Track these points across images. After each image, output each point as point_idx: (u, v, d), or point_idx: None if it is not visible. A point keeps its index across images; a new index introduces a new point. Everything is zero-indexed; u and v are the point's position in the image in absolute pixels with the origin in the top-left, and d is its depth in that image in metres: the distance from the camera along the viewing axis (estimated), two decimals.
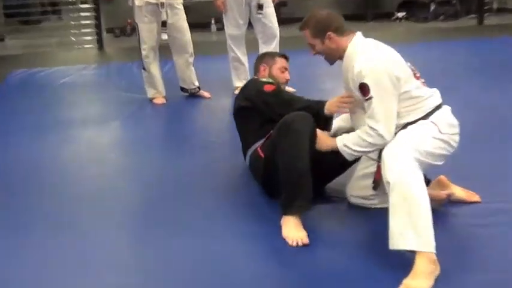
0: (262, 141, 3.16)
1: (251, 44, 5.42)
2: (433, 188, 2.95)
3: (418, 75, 2.80)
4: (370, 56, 2.70)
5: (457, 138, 2.76)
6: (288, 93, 3.37)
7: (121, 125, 4.66)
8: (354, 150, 2.76)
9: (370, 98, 2.64)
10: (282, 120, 2.89)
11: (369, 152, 2.80)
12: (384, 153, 2.58)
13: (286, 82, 3.58)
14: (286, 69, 3.56)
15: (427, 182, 2.75)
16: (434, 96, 2.79)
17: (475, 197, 3.06)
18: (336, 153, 2.96)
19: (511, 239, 2.72)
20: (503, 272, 2.45)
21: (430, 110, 2.72)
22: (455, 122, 2.77)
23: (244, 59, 5.32)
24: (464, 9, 9.62)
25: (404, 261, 2.44)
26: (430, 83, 2.85)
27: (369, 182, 2.92)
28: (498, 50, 6.93)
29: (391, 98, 2.66)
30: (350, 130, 2.93)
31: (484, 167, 3.39)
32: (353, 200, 3.07)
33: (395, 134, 2.67)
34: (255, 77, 3.54)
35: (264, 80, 3.40)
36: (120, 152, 4.17)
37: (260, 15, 5.14)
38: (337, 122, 3.21)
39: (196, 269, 2.58)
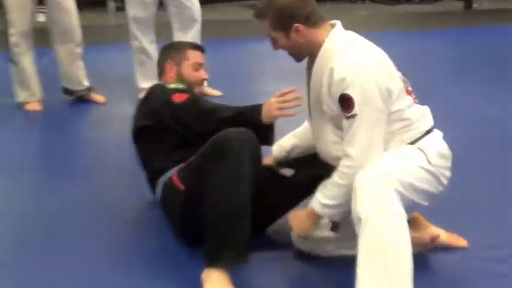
0: (177, 167, 3.12)
1: (164, 29, 5.39)
2: (412, 230, 2.98)
3: (410, 88, 2.84)
4: (358, 61, 2.68)
5: (448, 173, 2.81)
6: (207, 102, 3.33)
7: None
8: (338, 205, 2.74)
9: (354, 116, 2.64)
10: (213, 138, 2.85)
11: None
12: (356, 178, 2.59)
13: (203, 83, 3.58)
14: (201, 65, 3.52)
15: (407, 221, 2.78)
16: (425, 116, 2.84)
17: (461, 242, 3.12)
18: (283, 183, 3.05)
19: None
20: None
21: (419, 135, 2.77)
22: (447, 152, 2.82)
23: (153, 50, 5.32)
24: None
25: None
26: None
27: (325, 220, 2.91)
28: (489, 42, 7.14)
29: (380, 119, 2.68)
30: (308, 150, 3.00)
31: (471, 201, 3.43)
32: (301, 245, 3.05)
33: None
34: (160, 83, 3.49)
35: (173, 86, 3.36)
36: None
37: None
38: (289, 140, 3.22)
39: None
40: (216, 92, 5.32)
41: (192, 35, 5.25)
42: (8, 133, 4.75)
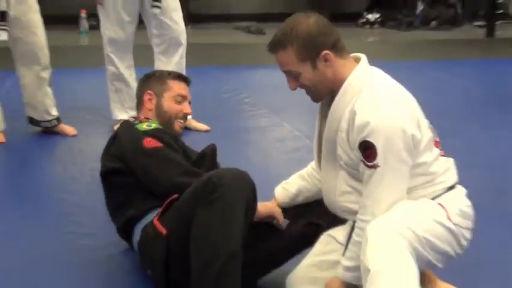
0: (157, 212, 3.13)
1: (144, 53, 5.43)
2: (422, 286, 3.02)
3: (437, 139, 2.87)
4: (384, 106, 2.69)
5: (468, 235, 2.83)
6: (177, 155, 3.30)
7: None
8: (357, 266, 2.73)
9: (375, 167, 2.67)
10: (203, 178, 2.88)
11: None
12: (368, 227, 2.64)
13: (185, 117, 3.60)
14: (184, 98, 3.56)
15: None
16: (450, 172, 2.88)
17: None
18: (276, 234, 3.10)
19: None
20: None
21: (442, 192, 2.82)
22: (470, 211, 2.85)
23: (130, 76, 5.35)
24: (468, 12, 9.92)
25: None
26: None
27: (325, 274, 2.95)
28: None
29: (404, 172, 2.71)
30: (317, 195, 3.06)
31: (488, 255, 3.46)
32: None
33: None
34: (131, 121, 3.51)
35: (144, 127, 3.37)
36: None
37: (157, 9, 5.15)
38: (295, 182, 3.23)
39: None
40: (203, 127, 5.33)
41: (177, 60, 5.27)
42: None
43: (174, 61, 5.25)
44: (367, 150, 2.65)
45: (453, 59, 7.89)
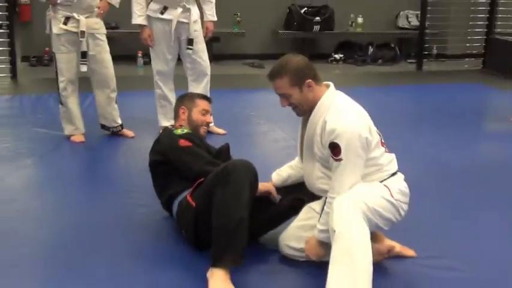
0: (189, 190, 3.13)
1: (181, 80, 5.42)
2: (372, 242, 3.00)
3: (383, 141, 2.89)
4: (346, 117, 2.72)
5: (405, 207, 2.87)
6: (202, 151, 3.30)
7: (34, 164, 4.54)
8: (327, 229, 2.72)
9: (340, 160, 2.68)
10: (221, 167, 2.91)
11: None
12: (334, 201, 2.65)
13: (208, 125, 3.61)
14: (207, 111, 3.58)
15: None
16: (392, 163, 2.90)
17: (410, 252, 3.15)
18: (272, 206, 3.11)
19: None
20: None
21: (386, 177, 2.83)
22: (407, 190, 2.89)
23: (172, 96, 5.29)
24: (404, 53, 9.94)
25: None
26: None
27: (306, 234, 2.96)
28: (436, 96, 7.20)
29: (359, 163, 2.72)
30: (300, 179, 3.06)
31: (419, 220, 3.45)
32: (286, 251, 3.08)
33: None
34: (170, 128, 3.53)
35: (179, 132, 3.37)
36: (31, 193, 4.06)
37: (190, 51, 5.13)
38: (286, 170, 3.24)
39: None
40: (221, 131, 5.30)
41: (203, 85, 5.23)
42: (57, 158, 4.74)
43: (201, 86, 5.21)
44: (334, 148, 2.66)
45: (393, 85, 7.89)
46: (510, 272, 3.05)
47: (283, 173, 3.23)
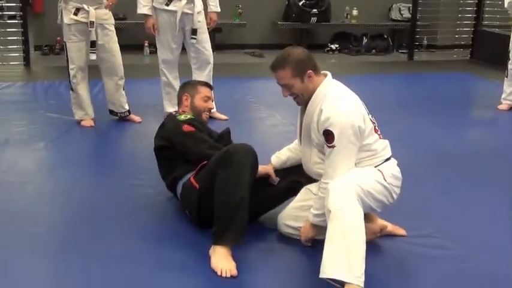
0: (193, 172, 3.13)
1: (185, 68, 5.40)
2: (365, 221, 3.00)
3: (377, 128, 2.87)
4: (340, 106, 2.70)
5: (398, 191, 2.87)
6: (205, 136, 3.28)
7: (46, 147, 4.53)
8: (323, 213, 2.70)
9: (333, 147, 2.67)
10: (223, 150, 2.90)
11: None
12: (330, 183, 2.64)
13: (210, 111, 3.59)
14: (209, 98, 3.56)
15: None
16: (386, 149, 2.88)
17: (401, 231, 3.15)
18: (271, 187, 3.11)
19: (435, 274, 2.80)
20: None
21: (380, 163, 2.81)
22: (399, 175, 2.88)
23: (177, 84, 5.25)
24: (396, 44, 9.94)
25: None
26: None
27: (304, 214, 2.95)
28: (426, 85, 7.20)
29: (352, 150, 2.70)
30: (299, 162, 3.05)
31: (411, 201, 3.44)
32: (284, 230, 3.07)
33: None
34: (173, 114, 3.49)
35: (182, 117, 3.34)
36: (44, 175, 4.05)
37: (194, 41, 5.11)
38: (285, 153, 3.23)
39: None
40: (223, 116, 5.28)
41: (207, 73, 5.21)
42: (68, 142, 4.73)
43: (205, 74, 5.19)
44: (328, 136, 2.66)
45: (386, 74, 7.86)
46: (497, 250, 3.04)
47: (282, 155, 3.22)
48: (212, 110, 4.14)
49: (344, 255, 2.44)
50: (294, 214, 3.03)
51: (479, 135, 5.32)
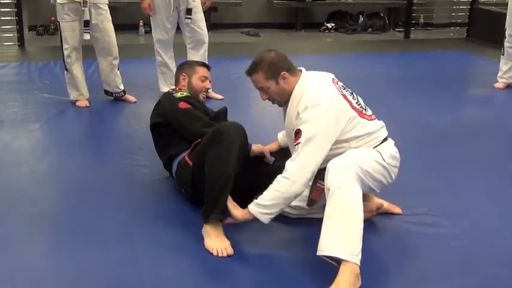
0: (188, 151, 3.14)
1: (180, 48, 5.38)
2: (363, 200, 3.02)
3: (364, 111, 2.84)
4: (315, 104, 2.68)
5: (396, 171, 2.87)
6: (200, 113, 3.29)
7: (40, 128, 4.52)
8: (270, 212, 2.68)
9: (298, 144, 2.66)
10: (214, 128, 2.91)
11: (285, 207, 2.74)
12: (330, 163, 2.62)
13: (207, 91, 3.60)
14: (206, 78, 3.57)
15: None
16: (381, 130, 2.88)
17: (397, 209, 3.17)
18: (265, 167, 3.09)
19: (429, 251, 2.83)
20: (418, 284, 2.55)
21: (378, 144, 2.82)
22: (397, 155, 2.88)
23: (172, 63, 5.26)
24: (392, 22, 9.90)
25: (329, 271, 2.47)
26: (358, 95, 2.92)
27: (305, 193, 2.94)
28: (423, 63, 7.18)
29: (318, 152, 2.66)
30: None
31: (405, 180, 3.44)
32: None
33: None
34: (170, 91, 3.50)
35: (179, 95, 3.36)
36: (38, 155, 4.04)
37: (189, 20, 5.09)
38: (283, 140, 3.23)
39: (116, 280, 2.53)
40: (219, 96, 5.27)
41: (202, 53, 5.19)
42: (64, 122, 4.72)
43: (200, 54, 5.18)
44: (296, 134, 2.68)
45: (382, 53, 7.84)
46: (491, 226, 3.07)
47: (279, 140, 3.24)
48: (209, 90, 4.07)
49: (342, 233, 2.46)
50: None
51: (475, 113, 5.32)
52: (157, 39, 5.22)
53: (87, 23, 4.85)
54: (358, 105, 2.84)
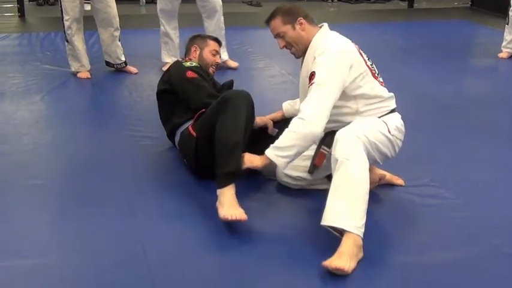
0: (191, 121, 3.14)
1: (185, 19, 5.33)
2: None
3: (377, 75, 2.86)
4: (332, 51, 2.72)
5: (400, 144, 2.88)
6: (207, 84, 3.30)
7: (42, 100, 4.51)
8: (287, 155, 2.68)
9: (312, 84, 2.67)
10: (221, 96, 2.93)
11: (302, 150, 2.72)
12: (338, 133, 2.63)
13: (217, 65, 3.61)
14: (217, 52, 3.60)
15: None
16: (390, 99, 2.89)
17: (399, 181, 3.18)
18: (269, 138, 3.04)
19: (431, 222, 2.83)
20: (420, 255, 2.55)
21: (385, 113, 2.81)
22: (403, 128, 2.88)
23: (174, 34, 5.23)
24: None
25: (333, 242, 2.48)
26: None
27: (303, 163, 2.96)
28: (426, 33, 7.13)
29: (332, 93, 2.67)
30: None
31: (409, 152, 3.43)
32: (283, 179, 3.07)
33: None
34: (180, 60, 3.52)
35: (188, 64, 3.38)
36: (41, 127, 4.03)
37: None
38: (297, 103, 3.19)
39: (119, 251, 2.53)
40: (234, 64, 5.32)
41: (215, 22, 5.17)
42: (65, 94, 4.71)
43: (214, 21, 5.17)
44: (311, 76, 2.70)
45: (386, 22, 7.78)
46: (493, 198, 3.07)
47: (295, 104, 3.24)
48: (225, 59, 4.23)
49: (348, 205, 2.46)
50: (292, 163, 3.03)
51: (478, 84, 5.28)
52: (160, 8, 5.18)
53: None
54: (373, 68, 2.86)
